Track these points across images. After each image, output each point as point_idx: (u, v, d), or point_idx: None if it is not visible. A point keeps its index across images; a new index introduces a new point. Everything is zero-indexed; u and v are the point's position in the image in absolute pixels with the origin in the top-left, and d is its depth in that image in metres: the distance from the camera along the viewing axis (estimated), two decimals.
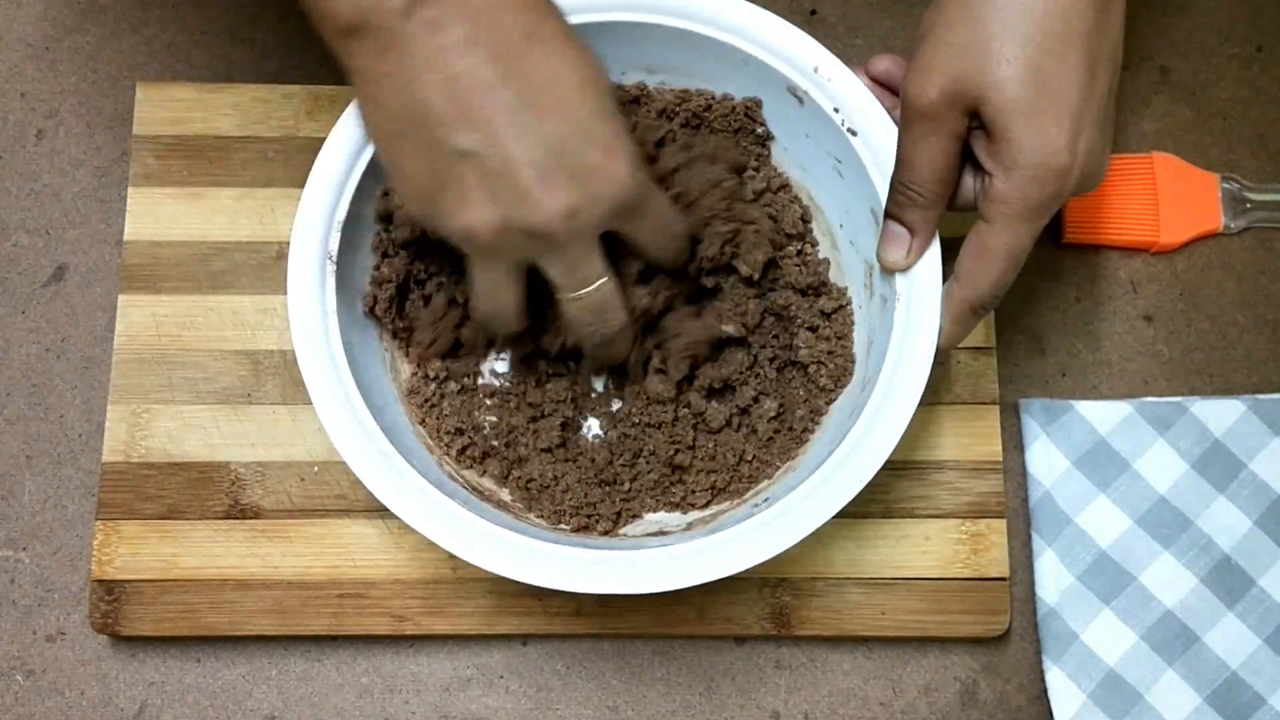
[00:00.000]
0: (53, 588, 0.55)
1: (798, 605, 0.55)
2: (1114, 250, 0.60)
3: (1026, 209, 0.43)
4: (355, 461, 0.46)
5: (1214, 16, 0.63)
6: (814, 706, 0.55)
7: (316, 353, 0.47)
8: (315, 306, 0.48)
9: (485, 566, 0.45)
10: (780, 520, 0.46)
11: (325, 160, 0.49)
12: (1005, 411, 0.58)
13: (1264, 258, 0.60)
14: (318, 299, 0.48)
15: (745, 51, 0.50)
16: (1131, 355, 0.59)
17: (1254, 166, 0.61)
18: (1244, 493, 0.56)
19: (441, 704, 0.54)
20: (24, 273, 0.58)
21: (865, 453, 0.47)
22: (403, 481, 0.46)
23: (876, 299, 0.51)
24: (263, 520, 0.54)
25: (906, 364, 0.48)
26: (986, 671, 0.56)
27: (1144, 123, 0.62)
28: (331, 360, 0.47)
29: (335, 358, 0.48)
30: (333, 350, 0.48)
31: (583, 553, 0.46)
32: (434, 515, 0.46)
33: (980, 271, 0.45)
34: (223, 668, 0.55)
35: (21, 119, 0.60)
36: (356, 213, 0.50)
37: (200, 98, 0.59)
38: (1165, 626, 0.55)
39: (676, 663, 0.55)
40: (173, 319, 0.56)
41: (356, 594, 0.54)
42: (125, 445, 0.55)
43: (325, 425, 0.47)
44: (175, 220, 0.57)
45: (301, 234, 0.49)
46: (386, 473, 0.46)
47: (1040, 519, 0.56)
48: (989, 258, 0.45)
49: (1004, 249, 0.44)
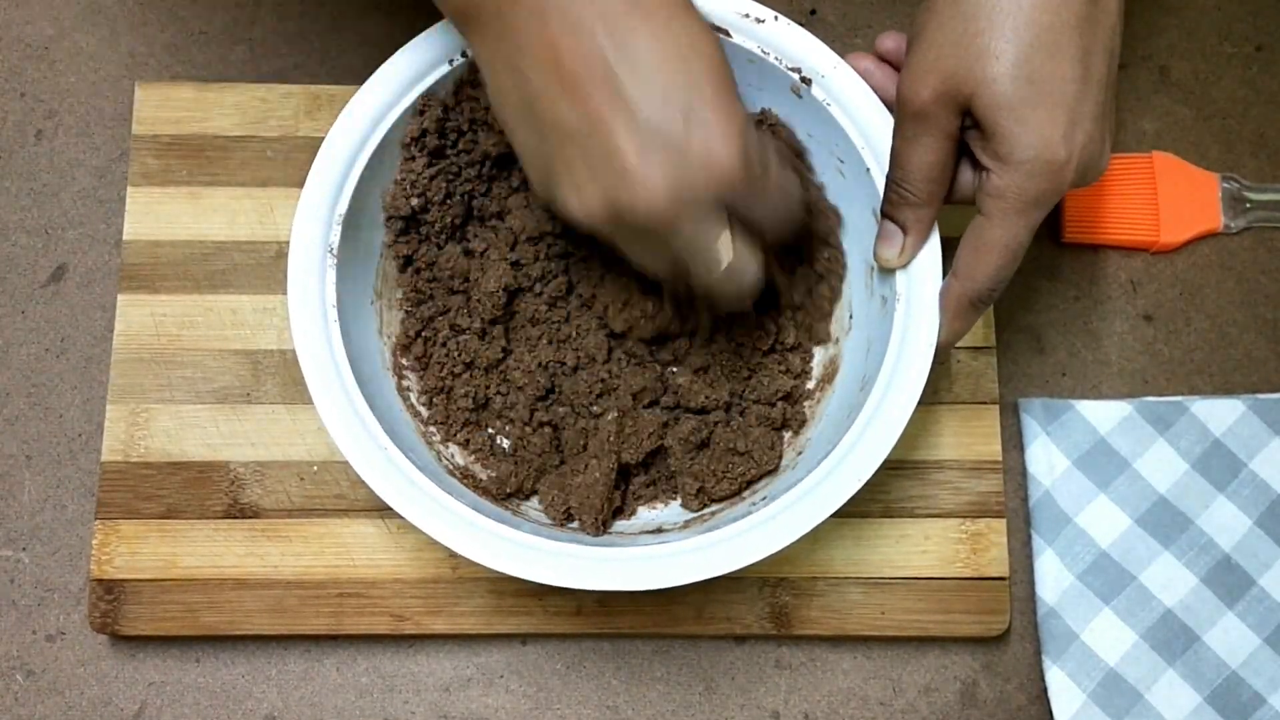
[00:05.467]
0: (52, 587, 0.55)
1: (797, 605, 0.55)
2: (1114, 250, 0.60)
3: (1023, 204, 0.43)
4: (355, 458, 0.46)
5: (1214, 16, 0.63)
6: (814, 706, 0.55)
7: (317, 348, 0.47)
8: (316, 302, 0.48)
9: (484, 563, 0.45)
10: (777, 519, 0.46)
11: (325, 156, 0.49)
12: (1005, 411, 0.58)
13: (1264, 257, 0.60)
14: (318, 294, 0.48)
15: (748, 50, 0.50)
16: (1131, 355, 0.59)
17: (1254, 166, 0.61)
18: (1244, 492, 0.56)
19: (441, 703, 0.54)
20: (23, 272, 0.58)
21: (863, 452, 0.47)
22: (403, 479, 0.46)
23: (876, 299, 0.51)
24: (262, 520, 0.54)
25: (905, 364, 0.48)
26: (986, 671, 0.56)
27: (1144, 122, 0.62)
28: (331, 356, 0.47)
29: (335, 353, 0.48)
30: (333, 346, 0.48)
31: (582, 549, 0.46)
32: (433, 512, 0.46)
33: (978, 266, 0.45)
34: (222, 667, 0.55)
35: (21, 119, 0.60)
36: (358, 208, 0.50)
37: (199, 97, 0.59)
38: (1165, 626, 0.55)
39: (676, 662, 0.55)
40: (172, 319, 0.56)
41: (356, 593, 0.54)
42: (124, 445, 0.55)
43: (324, 420, 0.46)
44: (174, 220, 0.57)
45: (302, 227, 0.48)
46: (387, 470, 0.46)
47: (1040, 518, 0.56)
48: (986, 252, 0.45)
49: (1001, 243, 0.44)
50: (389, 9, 0.62)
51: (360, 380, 0.48)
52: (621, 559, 0.46)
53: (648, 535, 0.50)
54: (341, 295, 0.49)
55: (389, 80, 0.50)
